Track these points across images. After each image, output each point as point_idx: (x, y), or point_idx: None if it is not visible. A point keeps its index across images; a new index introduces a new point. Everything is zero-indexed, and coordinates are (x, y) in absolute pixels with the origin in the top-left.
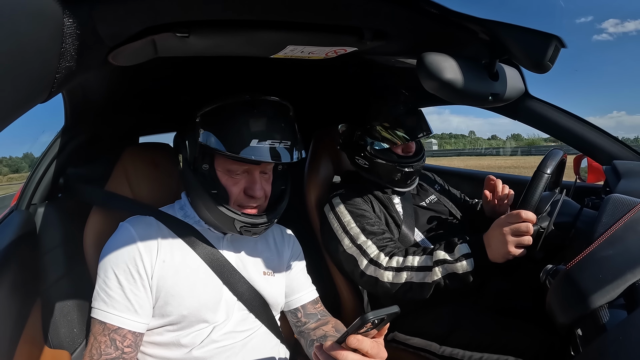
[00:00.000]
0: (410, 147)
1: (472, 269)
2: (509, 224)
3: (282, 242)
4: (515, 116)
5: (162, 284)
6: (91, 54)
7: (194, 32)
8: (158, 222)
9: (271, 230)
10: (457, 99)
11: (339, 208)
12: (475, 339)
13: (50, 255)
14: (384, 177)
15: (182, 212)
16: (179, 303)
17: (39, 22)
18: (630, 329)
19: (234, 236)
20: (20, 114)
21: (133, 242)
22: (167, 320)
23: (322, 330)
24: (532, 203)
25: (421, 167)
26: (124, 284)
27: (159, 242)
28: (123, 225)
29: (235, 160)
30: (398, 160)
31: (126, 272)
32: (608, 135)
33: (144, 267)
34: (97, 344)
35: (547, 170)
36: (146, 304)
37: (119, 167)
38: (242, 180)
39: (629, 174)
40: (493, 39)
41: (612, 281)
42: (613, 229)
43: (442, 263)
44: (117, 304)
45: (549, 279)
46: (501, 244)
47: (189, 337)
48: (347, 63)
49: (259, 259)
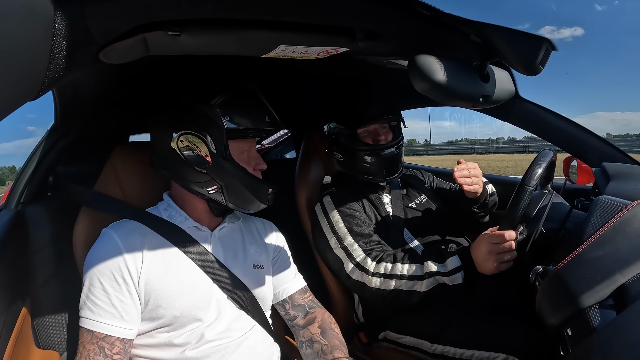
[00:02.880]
0: (379, 135)
1: (462, 282)
2: (492, 245)
3: (266, 234)
4: (506, 118)
5: (150, 287)
6: (82, 51)
7: (185, 31)
8: (143, 226)
9: (253, 222)
10: (448, 101)
11: (329, 207)
12: (466, 337)
13: (40, 255)
14: (358, 168)
15: (166, 212)
16: (169, 305)
17: (29, 19)
18: (619, 329)
19: (221, 232)
20: (10, 112)
21: (117, 249)
22: (159, 322)
23: (309, 332)
24: (516, 218)
25: (396, 155)
26: (109, 291)
27: (143, 246)
28: (106, 232)
29: (254, 137)
30: (367, 148)
31: (111, 279)
32: (597, 137)
33: (129, 273)
34: (86, 352)
35: (532, 184)
36: (133, 310)
37: (108, 166)
38: (250, 158)
39: (618, 175)
40: (484, 41)
41: (601, 282)
42: (602, 230)
43: (433, 275)
44: (103, 311)
45: (539, 280)
46: (487, 262)
47: (181, 337)
48: (337, 63)
49: (248, 253)
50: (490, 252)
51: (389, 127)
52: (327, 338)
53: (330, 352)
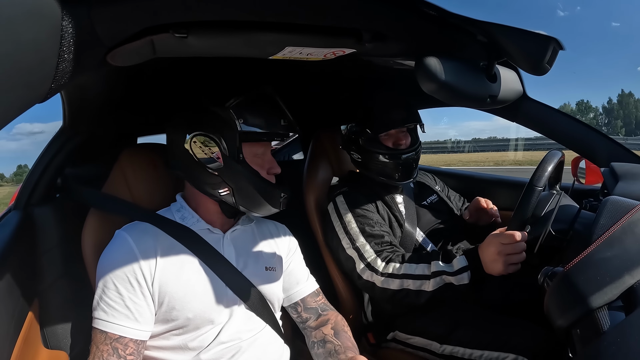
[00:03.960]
0: (400, 139)
1: (469, 282)
2: (502, 245)
3: (279, 237)
4: (513, 118)
5: (164, 290)
6: (89, 54)
7: (192, 33)
8: (155, 228)
9: (266, 225)
10: (455, 101)
11: (341, 207)
12: (475, 337)
13: (48, 256)
14: (376, 170)
15: (179, 214)
16: (182, 307)
17: (37, 21)
18: (628, 331)
19: (233, 234)
20: (19, 113)
21: (130, 251)
22: (173, 324)
23: (322, 333)
24: (525, 219)
25: (414, 159)
26: (123, 292)
27: (157, 249)
28: (119, 234)
29: (268, 140)
30: (388, 152)
31: (125, 281)
32: (606, 137)
33: (143, 276)
34: (100, 352)
35: (540, 184)
36: (146, 311)
37: (117, 168)
38: (264, 162)
39: (627, 176)
40: (491, 41)
41: (610, 283)
42: (611, 231)
43: (439, 274)
44: (117, 313)
45: (547, 281)
46: (495, 263)
47: (196, 340)
48: (344, 64)
49: (260, 255)
50: (500, 253)
51: (407, 131)
52: (340, 339)
53: (343, 352)
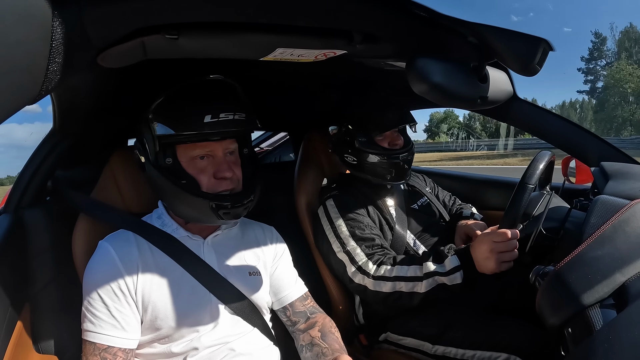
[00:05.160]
0: (396, 140)
1: (461, 282)
2: (495, 243)
3: (265, 240)
4: (504, 119)
5: (147, 299)
6: (80, 55)
7: (183, 34)
8: (137, 237)
9: (252, 229)
10: (446, 102)
11: (332, 211)
12: (468, 337)
13: (39, 260)
14: (372, 171)
15: (159, 220)
16: (166, 316)
17: (27, 23)
18: (620, 329)
19: (215, 240)
20: (9, 115)
21: (112, 262)
22: (157, 333)
23: (310, 336)
24: (516, 217)
25: (409, 159)
26: (108, 303)
27: (138, 258)
28: (102, 245)
29: (194, 141)
30: (384, 152)
31: (109, 292)
32: (596, 136)
33: (126, 285)
34: None
35: (532, 182)
36: (133, 320)
37: (107, 170)
38: (209, 165)
39: (617, 175)
40: (482, 43)
41: (601, 281)
42: (602, 230)
43: (432, 275)
44: (104, 323)
45: (539, 280)
46: (488, 261)
47: (180, 346)
48: (335, 65)
49: (243, 260)
50: (492, 251)
51: (399, 131)
52: (327, 341)
53: (331, 354)
